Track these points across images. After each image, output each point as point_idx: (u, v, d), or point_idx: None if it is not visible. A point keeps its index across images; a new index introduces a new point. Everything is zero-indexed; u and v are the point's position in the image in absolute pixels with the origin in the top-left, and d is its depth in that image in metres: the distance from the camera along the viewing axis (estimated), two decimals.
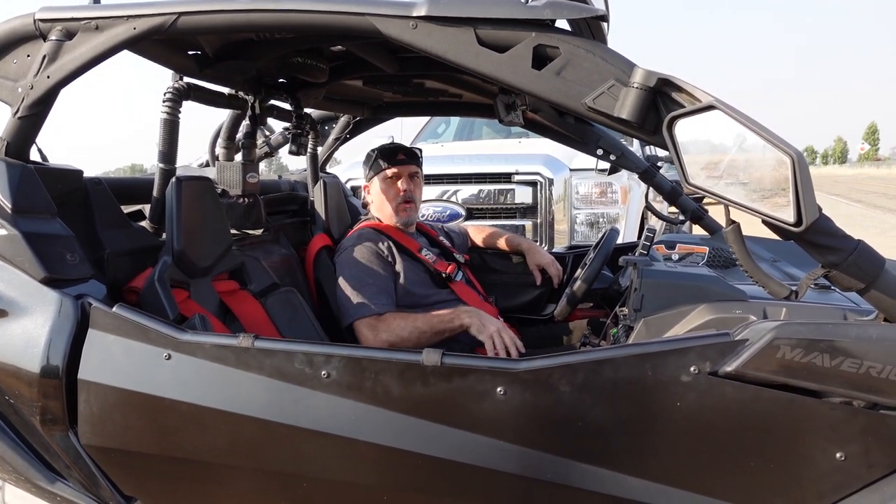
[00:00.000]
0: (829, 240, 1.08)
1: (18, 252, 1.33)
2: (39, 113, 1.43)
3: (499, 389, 1.19)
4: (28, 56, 1.42)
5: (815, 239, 1.08)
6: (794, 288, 1.14)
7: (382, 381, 1.23)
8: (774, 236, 1.15)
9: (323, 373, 1.24)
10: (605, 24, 1.38)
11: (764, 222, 1.09)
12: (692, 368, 1.12)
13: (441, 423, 1.22)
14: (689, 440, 1.16)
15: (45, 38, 1.40)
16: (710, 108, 1.07)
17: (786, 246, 1.27)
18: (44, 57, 1.39)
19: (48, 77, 1.39)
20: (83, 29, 1.37)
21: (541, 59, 1.19)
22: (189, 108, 1.77)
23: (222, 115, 2.27)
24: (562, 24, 1.22)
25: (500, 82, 1.22)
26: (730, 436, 1.14)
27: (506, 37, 1.19)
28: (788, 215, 1.03)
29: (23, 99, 1.41)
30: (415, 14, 1.21)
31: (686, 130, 1.10)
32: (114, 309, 1.33)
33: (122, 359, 1.32)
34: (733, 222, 1.16)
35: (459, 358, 1.22)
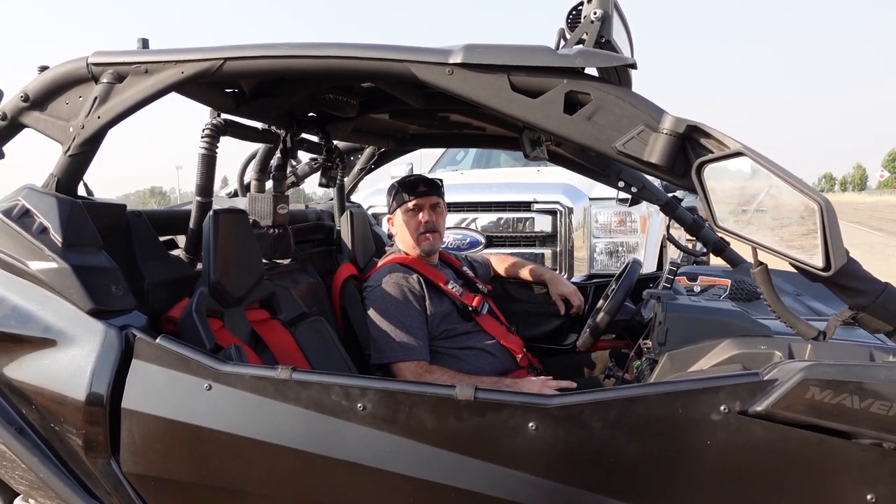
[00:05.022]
0: (857, 283, 1.11)
1: (68, 284, 1.39)
2: (88, 151, 1.50)
3: (531, 424, 1.22)
4: (80, 97, 1.49)
5: (844, 282, 1.10)
6: (821, 328, 1.16)
7: (417, 414, 1.26)
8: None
9: (359, 405, 1.27)
10: (631, 71, 1.43)
11: (793, 265, 1.11)
12: (722, 407, 1.14)
13: (473, 456, 1.25)
14: (718, 478, 1.17)
15: (96, 80, 1.47)
16: (738, 154, 1.10)
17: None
18: (95, 98, 1.46)
19: (98, 117, 1.46)
20: (133, 72, 1.44)
21: (571, 104, 1.24)
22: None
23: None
24: (590, 69, 1.26)
25: (533, 126, 1.27)
26: (759, 475, 1.15)
27: (538, 83, 1.24)
28: (817, 260, 1.06)
29: (74, 138, 1.48)
30: (451, 61, 1.26)
31: (715, 175, 1.14)
32: (157, 340, 1.38)
33: (164, 388, 1.36)
34: (761, 263, 1.18)
35: (492, 393, 1.25)
